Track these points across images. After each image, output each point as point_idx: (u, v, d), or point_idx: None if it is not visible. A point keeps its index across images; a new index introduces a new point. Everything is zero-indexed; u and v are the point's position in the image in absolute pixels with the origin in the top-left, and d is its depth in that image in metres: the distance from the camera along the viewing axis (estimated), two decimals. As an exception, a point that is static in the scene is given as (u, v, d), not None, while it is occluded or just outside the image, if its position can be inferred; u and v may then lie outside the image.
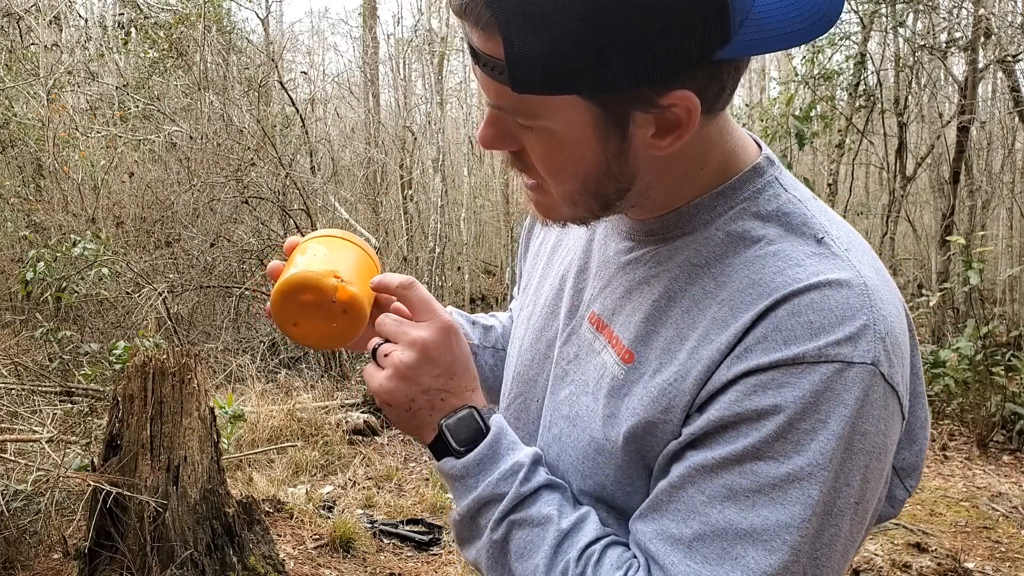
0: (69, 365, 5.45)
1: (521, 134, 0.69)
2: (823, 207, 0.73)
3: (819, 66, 7.77)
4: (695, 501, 0.64)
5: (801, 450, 0.61)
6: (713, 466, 0.64)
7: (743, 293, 0.66)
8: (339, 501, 4.34)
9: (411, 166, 11.35)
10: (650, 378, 0.70)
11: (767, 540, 0.61)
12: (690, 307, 0.70)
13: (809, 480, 0.61)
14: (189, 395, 2.82)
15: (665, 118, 0.64)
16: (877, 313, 0.64)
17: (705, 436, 0.65)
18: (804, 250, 0.67)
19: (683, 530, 0.64)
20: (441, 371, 0.75)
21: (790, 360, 0.62)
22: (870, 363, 0.62)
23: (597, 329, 0.78)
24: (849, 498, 0.62)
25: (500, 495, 0.72)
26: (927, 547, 3.73)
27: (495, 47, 0.62)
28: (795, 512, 0.61)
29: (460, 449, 0.74)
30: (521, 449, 0.75)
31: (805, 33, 0.61)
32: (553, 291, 0.88)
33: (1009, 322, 8.24)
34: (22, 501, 3.22)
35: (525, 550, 0.70)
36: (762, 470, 0.62)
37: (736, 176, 0.72)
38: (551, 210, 0.75)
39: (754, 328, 0.64)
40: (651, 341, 0.71)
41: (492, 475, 0.72)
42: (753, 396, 0.63)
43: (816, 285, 0.64)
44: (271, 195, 7.42)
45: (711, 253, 0.71)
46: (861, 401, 0.62)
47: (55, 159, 7.73)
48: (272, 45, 10.13)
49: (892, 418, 0.64)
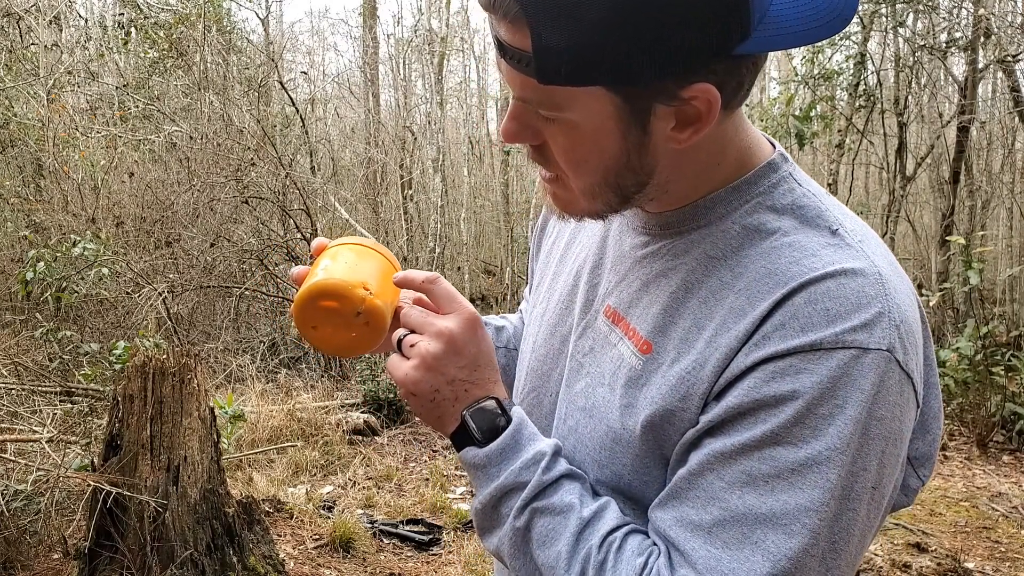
0: (69, 365, 5.44)
1: (543, 127, 0.70)
2: (836, 202, 0.75)
3: (819, 66, 7.77)
4: (714, 487, 0.65)
5: (819, 435, 0.62)
6: (732, 452, 0.65)
7: (760, 282, 0.68)
8: (339, 501, 4.34)
9: (411, 166, 11.35)
10: (668, 367, 0.71)
11: (787, 524, 0.62)
12: (707, 297, 0.71)
13: (827, 464, 0.62)
14: (189, 395, 2.82)
15: (685, 111, 0.66)
16: (891, 301, 0.65)
17: (723, 423, 0.66)
18: (819, 241, 0.69)
19: (703, 516, 0.65)
20: (467, 362, 0.76)
21: (807, 346, 0.63)
22: (886, 349, 0.63)
23: (613, 322, 0.79)
24: (866, 482, 0.63)
25: (522, 483, 0.73)
26: (927, 547, 3.73)
27: (522, 39, 0.63)
28: (814, 496, 0.62)
29: (482, 439, 0.75)
30: (542, 439, 0.76)
31: (823, 30, 0.64)
32: (567, 287, 0.89)
33: (1009, 322, 8.23)
34: (22, 501, 3.22)
35: (547, 537, 0.71)
36: (780, 455, 0.63)
37: (751, 171, 0.74)
38: (569, 204, 0.76)
39: (771, 316, 0.65)
40: (669, 331, 0.72)
41: (514, 464, 0.73)
42: (771, 382, 0.64)
43: (832, 274, 0.65)
44: (271, 195, 7.42)
45: (727, 245, 0.72)
46: (877, 387, 0.63)
47: (55, 159, 7.73)
48: (272, 45, 10.13)
49: (907, 404, 0.65)
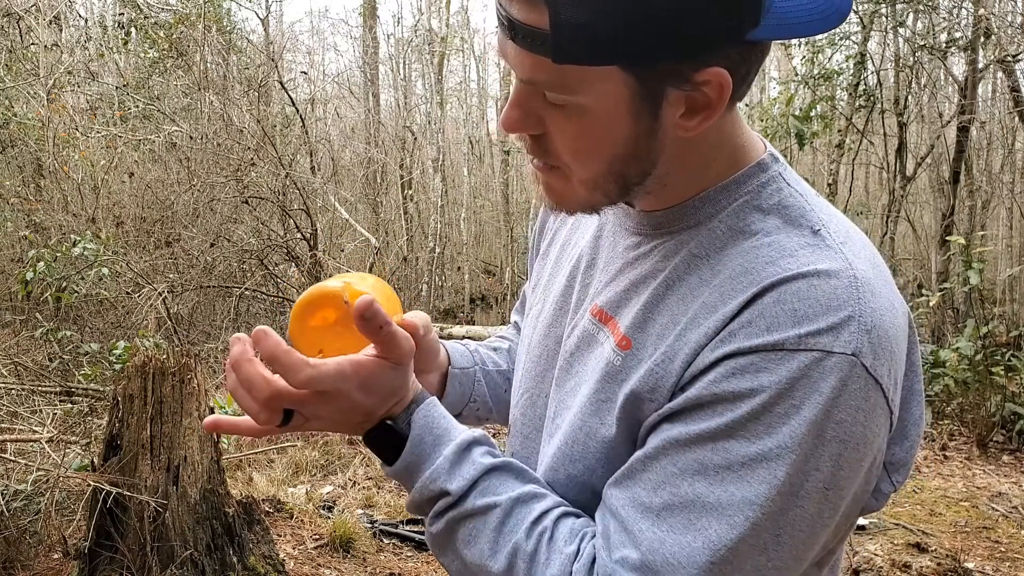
0: (69, 365, 5.44)
1: (548, 115, 0.70)
2: (825, 203, 0.75)
3: (819, 66, 7.78)
4: (667, 472, 0.66)
5: (772, 432, 0.63)
6: (687, 440, 0.66)
7: (734, 280, 0.68)
8: (339, 501, 4.34)
9: (411, 166, 11.36)
10: (645, 363, 0.71)
11: (731, 515, 0.63)
12: (686, 294, 0.71)
13: (776, 461, 0.63)
14: (189, 395, 2.82)
15: (696, 97, 0.66)
16: (864, 306, 0.64)
17: (682, 411, 0.67)
18: (799, 241, 0.69)
19: (653, 499, 0.66)
20: (337, 407, 0.72)
21: (770, 346, 0.64)
22: (851, 354, 0.63)
23: (601, 321, 0.79)
24: (817, 482, 0.64)
25: (431, 498, 0.73)
26: (927, 547, 3.73)
27: (538, 17, 0.63)
28: (760, 491, 0.63)
29: (386, 461, 0.74)
30: (447, 443, 0.73)
31: (821, 24, 0.65)
32: (562, 288, 0.90)
33: (1009, 322, 8.23)
34: (22, 501, 3.22)
35: (470, 537, 0.72)
36: (733, 448, 0.64)
37: (741, 171, 0.74)
38: (564, 196, 0.76)
39: (741, 314, 0.66)
40: (648, 328, 0.73)
41: (417, 481, 0.73)
42: (732, 378, 0.64)
43: (804, 274, 0.65)
44: (271, 195, 7.42)
45: (712, 245, 0.72)
46: (837, 391, 0.63)
47: (55, 159, 7.73)
48: (272, 45, 10.13)
49: (873, 410, 0.65)
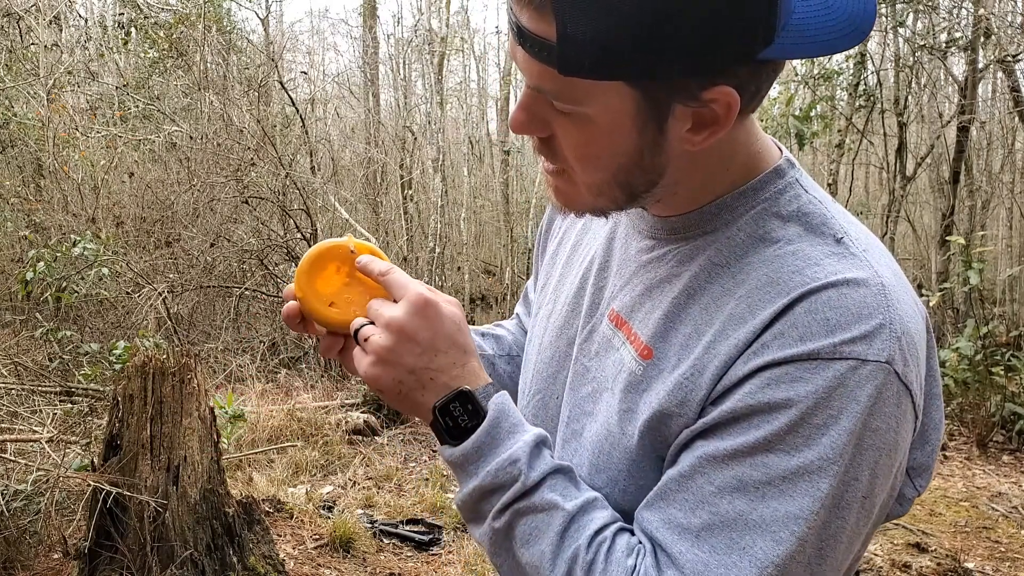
0: (69, 365, 5.44)
1: (555, 119, 0.69)
2: (841, 209, 0.74)
3: (819, 66, 7.77)
4: (704, 491, 0.65)
5: (812, 444, 0.62)
6: (724, 457, 0.64)
7: (762, 291, 0.67)
8: (339, 501, 4.33)
9: (411, 166, 11.34)
10: (668, 373, 0.70)
11: (775, 531, 0.62)
12: (709, 304, 0.70)
13: (819, 473, 0.62)
14: (189, 395, 2.81)
15: (702, 113, 0.65)
16: (894, 313, 0.64)
17: (717, 426, 0.66)
18: (823, 249, 0.68)
19: (691, 520, 0.65)
20: (423, 348, 0.72)
21: (805, 355, 0.63)
22: (884, 361, 0.63)
23: (616, 326, 0.78)
24: (857, 492, 0.63)
25: (501, 484, 0.69)
26: (927, 547, 3.73)
27: (546, 28, 0.62)
28: (804, 504, 0.62)
29: (453, 439, 0.71)
30: (524, 432, 0.72)
31: (842, 42, 0.63)
32: (574, 289, 0.89)
33: (1009, 322, 8.23)
34: (22, 501, 3.22)
35: (530, 536, 0.69)
36: (773, 462, 0.63)
37: (758, 177, 0.73)
38: (572, 199, 0.75)
39: (772, 325, 0.65)
40: (670, 337, 0.72)
41: (491, 464, 0.70)
42: (767, 389, 0.63)
43: (834, 283, 0.65)
44: (271, 195, 7.41)
45: (732, 253, 0.71)
46: (874, 398, 0.62)
47: (55, 159, 7.72)
48: (272, 45, 10.13)
49: (904, 416, 0.65)
